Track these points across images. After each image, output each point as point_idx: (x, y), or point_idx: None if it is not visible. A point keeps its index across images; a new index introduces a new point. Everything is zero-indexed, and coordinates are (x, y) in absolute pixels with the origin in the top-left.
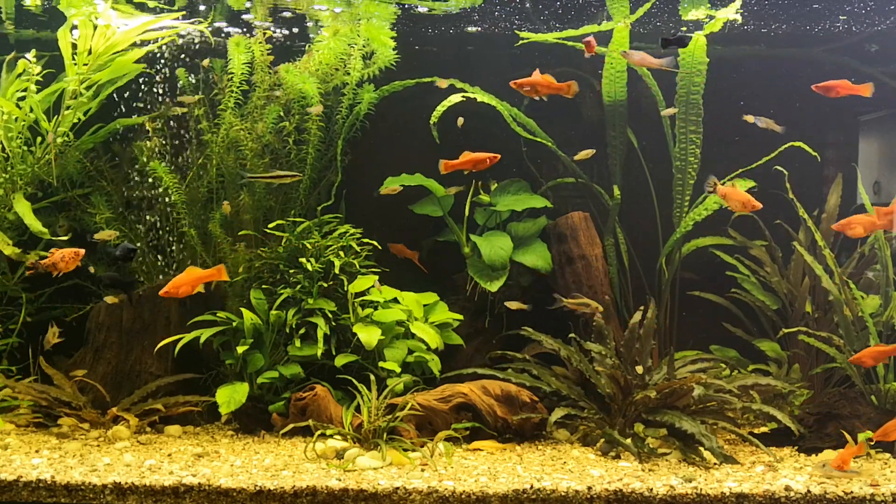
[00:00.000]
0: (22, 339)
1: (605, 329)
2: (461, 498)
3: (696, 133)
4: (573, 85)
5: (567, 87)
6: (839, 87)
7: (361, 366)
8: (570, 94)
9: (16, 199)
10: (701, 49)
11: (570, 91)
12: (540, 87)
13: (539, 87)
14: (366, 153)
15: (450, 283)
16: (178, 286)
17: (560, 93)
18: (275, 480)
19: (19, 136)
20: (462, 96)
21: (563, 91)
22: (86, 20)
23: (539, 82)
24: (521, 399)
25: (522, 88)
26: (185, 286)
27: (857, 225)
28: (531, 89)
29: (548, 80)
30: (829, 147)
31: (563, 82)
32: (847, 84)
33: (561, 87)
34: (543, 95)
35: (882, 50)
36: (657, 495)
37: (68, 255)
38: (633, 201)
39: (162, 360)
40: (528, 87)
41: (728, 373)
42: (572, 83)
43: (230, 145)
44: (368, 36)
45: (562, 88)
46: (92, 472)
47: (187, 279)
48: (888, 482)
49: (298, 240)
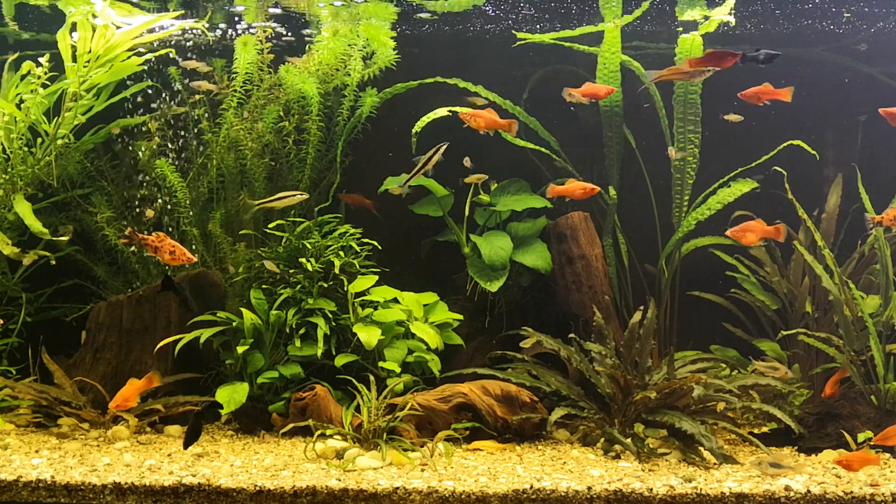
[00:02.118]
0: (22, 340)
1: (605, 329)
2: (461, 498)
3: (695, 133)
4: (514, 124)
5: (508, 124)
6: (762, 92)
7: (361, 366)
8: (511, 132)
9: (16, 200)
10: (697, 48)
11: (511, 130)
12: (484, 121)
13: (483, 119)
14: (366, 153)
15: (450, 283)
16: (127, 399)
17: (503, 129)
18: (275, 480)
19: (20, 137)
20: (448, 110)
21: (505, 128)
22: (85, 21)
23: (484, 116)
24: (520, 399)
25: (473, 120)
26: (131, 398)
27: (751, 233)
28: (479, 121)
29: (490, 115)
30: (830, 147)
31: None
32: (769, 89)
33: (502, 124)
34: (489, 131)
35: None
36: (657, 495)
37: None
38: (633, 201)
39: (162, 360)
40: (479, 119)
41: (728, 372)
42: (513, 122)
43: (231, 145)
44: (368, 36)
45: (503, 125)
46: (92, 472)
47: (132, 391)
48: (888, 482)
49: (298, 240)
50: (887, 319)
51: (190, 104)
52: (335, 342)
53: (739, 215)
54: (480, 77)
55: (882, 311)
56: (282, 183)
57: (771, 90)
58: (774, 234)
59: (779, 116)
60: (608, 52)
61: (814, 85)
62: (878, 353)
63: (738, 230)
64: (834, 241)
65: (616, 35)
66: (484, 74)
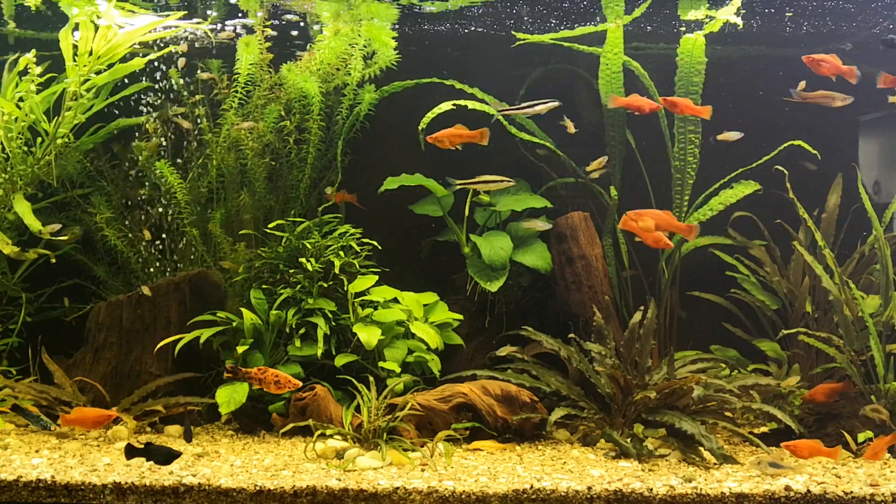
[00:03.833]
0: (22, 339)
1: (605, 329)
2: (461, 498)
3: (695, 133)
4: (485, 132)
5: (479, 134)
6: (682, 105)
7: (361, 366)
8: (483, 142)
9: (16, 200)
10: (699, 49)
11: (483, 138)
12: (453, 138)
13: (452, 137)
14: (366, 153)
15: (450, 283)
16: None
17: (473, 140)
18: (275, 480)
19: (20, 137)
20: (452, 104)
21: (476, 139)
22: (87, 21)
23: (450, 133)
24: (521, 399)
25: (438, 141)
26: (96, 422)
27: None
28: (445, 141)
29: (459, 130)
30: (829, 147)
31: (476, 130)
32: (689, 104)
33: (473, 135)
34: (457, 145)
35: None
36: (657, 495)
37: (281, 379)
38: (633, 201)
39: (162, 360)
40: (442, 140)
41: (728, 372)
42: (484, 130)
43: (231, 145)
44: (369, 36)
45: (474, 136)
46: (92, 472)
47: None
48: (888, 482)
49: (298, 240)
50: (887, 319)
51: (190, 104)
52: (335, 342)
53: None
54: (487, 77)
55: (882, 311)
56: (282, 182)
57: (692, 105)
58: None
59: (779, 117)
60: (611, 53)
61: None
62: (878, 353)
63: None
64: (834, 241)
65: (619, 36)
66: (484, 74)
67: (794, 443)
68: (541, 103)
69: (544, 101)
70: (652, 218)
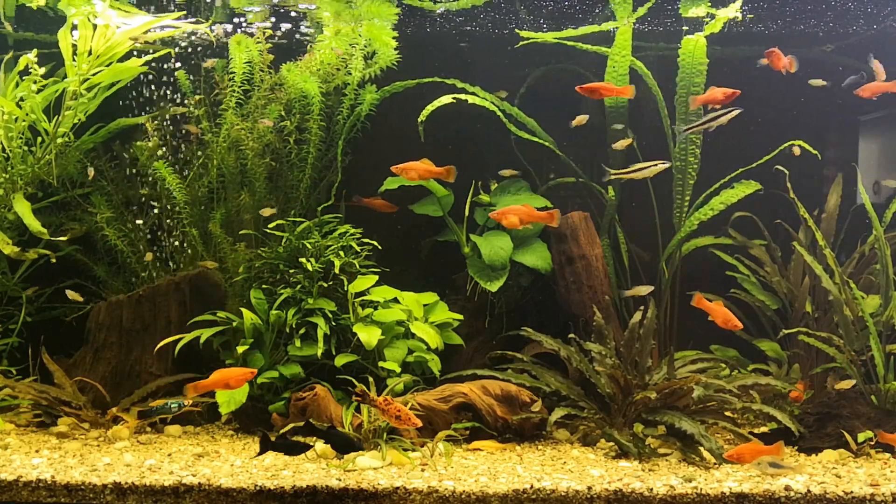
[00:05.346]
0: (22, 339)
1: (605, 329)
2: (461, 498)
3: (696, 133)
4: (451, 169)
5: (446, 171)
6: (602, 88)
7: (361, 366)
8: (450, 178)
9: (16, 199)
10: (701, 49)
11: (450, 175)
12: (420, 172)
13: (419, 171)
14: (367, 153)
15: (450, 283)
16: (232, 380)
17: (440, 177)
18: (275, 480)
19: (20, 136)
20: (453, 97)
21: (443, 175)
22: (85, 20)
23: (417, 167)
24: (521, 399)
25: (405, 173)
26: (238, 380)
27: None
28: (412, 172)
29: (427, 164)
30: (830, 147)
31: (442, 167)
32: (610, 86)
33: (440, 171)
34: (423, 180)
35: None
36: (657, 495)
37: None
38: (634, 201)
39: (162, 360)
40: (410, 172)
41: (728, 372)
42: (451, 168)
43: (231, 145)
44: (370, 36)
45: (441, 173)
46: (92, 471)
47: (232, 376)
48: (888, 482)
49: (298, 240)
50: (887, 319)
51: (192, 105)
52: (335, 342)
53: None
54: (481, 77)
55: (882, 310)
56: (282, 182)
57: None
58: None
59: (778, 116)
60: (618, 56)
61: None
62: (878, 353)
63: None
64: (834, 241)
65: (627, 37)
66: (484, 74)
67: (735, 451)
68: (650, 166)
69: (654, 163)
70: (515, 214)
